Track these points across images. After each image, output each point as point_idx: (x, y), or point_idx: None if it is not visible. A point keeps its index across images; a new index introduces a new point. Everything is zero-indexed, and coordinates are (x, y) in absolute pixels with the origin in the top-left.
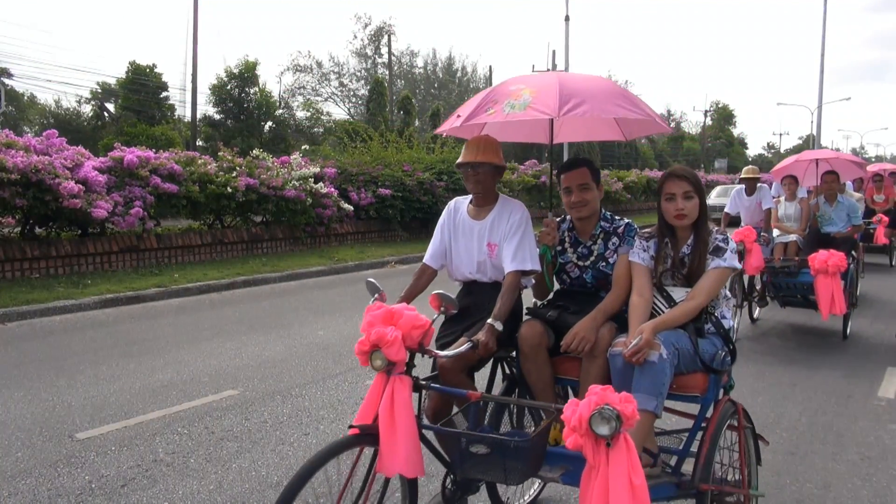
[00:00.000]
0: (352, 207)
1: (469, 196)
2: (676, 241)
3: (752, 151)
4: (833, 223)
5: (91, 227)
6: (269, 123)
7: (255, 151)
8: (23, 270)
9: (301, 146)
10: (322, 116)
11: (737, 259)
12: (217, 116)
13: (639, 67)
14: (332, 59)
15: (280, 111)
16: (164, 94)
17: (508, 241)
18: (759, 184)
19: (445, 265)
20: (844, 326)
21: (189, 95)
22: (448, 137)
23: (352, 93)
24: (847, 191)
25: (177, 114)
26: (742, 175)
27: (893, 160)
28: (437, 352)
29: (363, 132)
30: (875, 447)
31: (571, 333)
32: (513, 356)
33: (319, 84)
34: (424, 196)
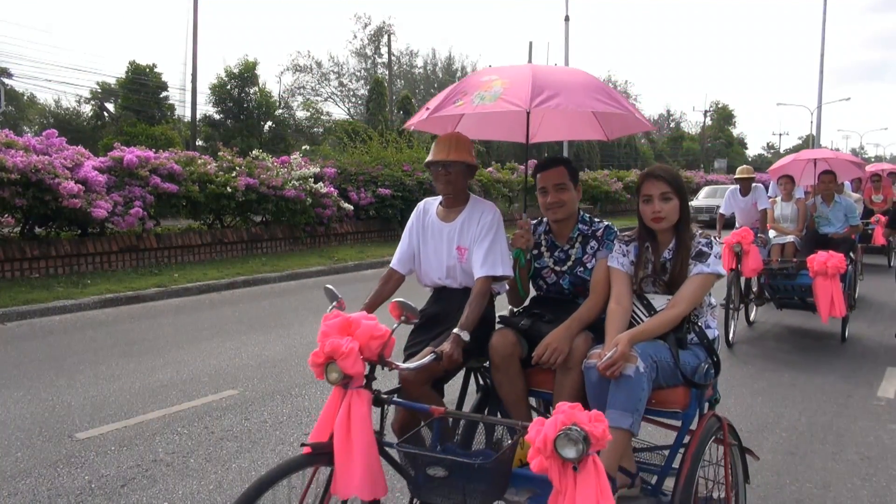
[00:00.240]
0: (351, 207)
1: (439, 197)
2: (657, 246)
3: (752, 152)
4: (830, 224)
5: (91, 227)
6: (269, 123)
7: (255, 151)
8: (22, 270)
9: (301, 146)
10: (322, 116)
11: (721, 265)
12: (217, 116)
13: (639, 67)
14: (332, 59)
15: (280, 111)
16: (164, 94)
17: (479, 245)
18: (754, 184)
19: (414, 270)
20: (843, 330)
21: (189, 95)
22: None
23: (351, 93)
24: (845, 191)
25: (177, 114)
26: (737, 175)
27: (893, 160)
28: (398, 364)
29: (363, 132)
30: (875, 447)
31: (543, 344)
32: (486, 366)
33: (319, 84)
34: (424, 196)
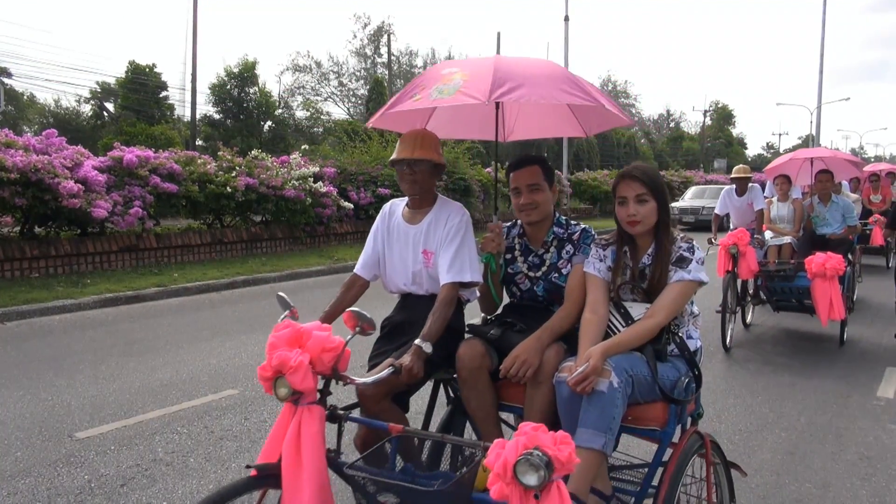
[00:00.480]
0: (351, 207)
1: (406, 198)
2: (636, 250)
3: (752, 151)
4: (828, 224)
5: (90, 227)
6: (269, 123)
7: (255, 151)
8: (22, 270)
9: (300, 146)
10: (321, 116)
11: (703, 271)
12: (217, 116)
13: (639, 67)
14: (332, 59)
15: (279, 111)
16: (164, 94)
17: (445, 249)
18: (751, 184)
19: (379, 275)
20: (841, 333)
21: (189, 95)
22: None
23: (351, 92)
24: (843, 191)
25: (176, 113)
26: (733, 175)
27: (893, 160)
28: (354, 378)
29: (363, 132)
30: (874, 447)
31: (512, 357)
32: (455, 378)
33: (319, 84)
34: None
